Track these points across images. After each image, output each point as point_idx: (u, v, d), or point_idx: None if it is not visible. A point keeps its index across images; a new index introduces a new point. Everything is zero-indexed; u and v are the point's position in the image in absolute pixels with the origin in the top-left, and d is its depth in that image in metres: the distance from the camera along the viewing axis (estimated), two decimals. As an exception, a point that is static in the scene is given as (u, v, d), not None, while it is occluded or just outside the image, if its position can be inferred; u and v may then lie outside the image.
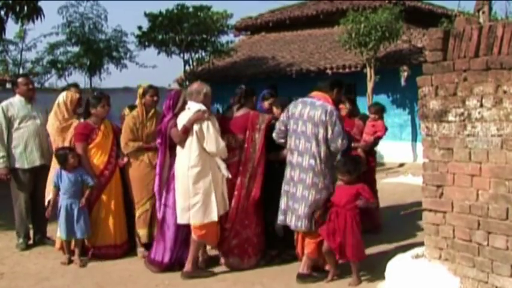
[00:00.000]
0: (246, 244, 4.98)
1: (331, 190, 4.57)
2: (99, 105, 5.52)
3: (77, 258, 5.35)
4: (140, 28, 14.72)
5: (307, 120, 4.56)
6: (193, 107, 4.80)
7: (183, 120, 4.79)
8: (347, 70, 13.22)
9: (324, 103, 4.58)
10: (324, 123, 4.49)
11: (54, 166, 5.56)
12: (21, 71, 16.88)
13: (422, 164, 3.92)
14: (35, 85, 7.96)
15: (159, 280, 4.83)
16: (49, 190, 5.57)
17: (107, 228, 5.47)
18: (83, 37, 15.41)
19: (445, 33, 3.72)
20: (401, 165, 12.55)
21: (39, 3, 9.15)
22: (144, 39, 14.80)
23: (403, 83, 12.19)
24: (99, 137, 5.50)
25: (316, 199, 4.51)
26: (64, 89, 6.27)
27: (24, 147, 5.85)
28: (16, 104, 5.94)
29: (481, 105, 3.47)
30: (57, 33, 15.52)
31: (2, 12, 8.97)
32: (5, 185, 6.07)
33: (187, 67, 15.26)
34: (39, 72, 16.84)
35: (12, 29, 34.11)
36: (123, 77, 56.65)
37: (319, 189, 4.52)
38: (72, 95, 5.84)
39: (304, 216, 4.52)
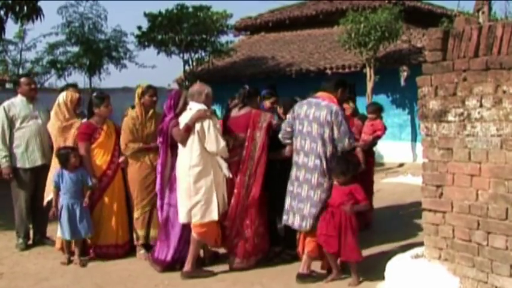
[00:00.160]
0: (246, 244, 4.97)
1: None
2: (103, 104, 5.52)
3: (77, 258, 5.35)
4: (140, 28, 14.71)
5: (313, 120, 4.58)
6: (195, 107, 4.82)
7: (185, 119, 4.80)
8: (346, 70, 13.20)
9: (329, 103, 4.60)
10: (329, 123, 4.51)
11: (55, 166, 5.56)
12: (20, 71, 16.84)
13: (421, 164, 3.92)
14: (35, 85, 7.94)
15: (159, 280, 4.83)
16: (49, 190, 5.56)
17: (109, 227, 5.47)
18: (83, 37, 15.38)
19: (444, 33, 3.72)
20: (400, 165, 12.55)
21: (39, 3, 9.17)
22: (144, 39, 14.78)
23: (402, 83, 12.18)
24: (102, 137, 5.51)
25: (321, 199, 4.54)
26: (63, 89, 6.27)
27: (25, 147, 5.86)
28: (18, 103, 5.95)
29: (481, 105, 3.47)
30: (56, 33, 15.52)
31: (1, 12, 8.98)
32: (4, 185, 6.07)
33: (187, 67, 15.24)
34: (38, 72, 16.78)
35: (11, 29, 34.01)
36: (122, 77, 56.59)
37: (324, 189, 4.55)
38: (73, 95, 5.84)
39: (310, 216, 4.54)
